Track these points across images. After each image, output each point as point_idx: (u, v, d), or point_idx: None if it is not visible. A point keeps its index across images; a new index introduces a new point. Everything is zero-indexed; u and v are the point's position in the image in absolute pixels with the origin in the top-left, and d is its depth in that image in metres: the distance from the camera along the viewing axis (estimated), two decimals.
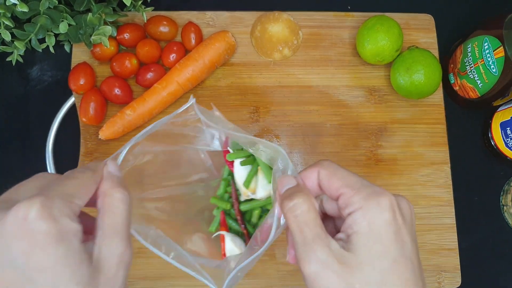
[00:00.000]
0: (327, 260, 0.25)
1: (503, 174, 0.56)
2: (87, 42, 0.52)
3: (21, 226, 0.23)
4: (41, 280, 0.22)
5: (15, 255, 0.23)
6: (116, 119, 0.51)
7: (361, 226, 0.26)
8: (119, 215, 0.27)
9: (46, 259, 0.23)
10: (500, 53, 0.47)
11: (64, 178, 0.27)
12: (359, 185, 0.27)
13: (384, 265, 0.25)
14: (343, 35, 0.57)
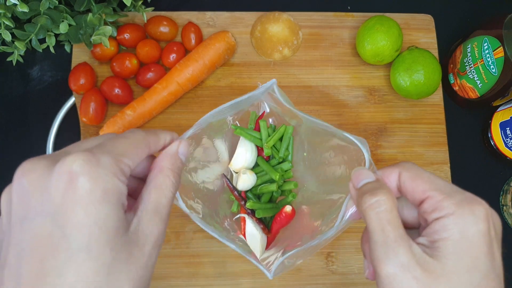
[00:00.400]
0: (409, 264, 0.24)
1: (502, 174, 0.56)
2: (87, 42, 0.52)
3: (65, 180, 0.22)
4: (76, 238, 0.21)
5: (56, 209, 0.22)
6: (116, 119, 0.51)
7: (452, 233, 0.24)
8: (165, 196, 0.26)
9: (85, 218, 0.22)
10: (499, 53, 0.47)
11: (115, 137, 0.26)
12: (449, 190, 0.26)
13: (473, 279, 0.24)
14: (343, 35, 0.57)
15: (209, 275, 0.50)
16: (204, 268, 0.50)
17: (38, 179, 0.23)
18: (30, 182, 0.24)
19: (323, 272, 0.51)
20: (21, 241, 0.22)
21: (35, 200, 0.23)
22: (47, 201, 0.22)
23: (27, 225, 0.22)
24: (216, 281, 0.50)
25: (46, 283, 0.21)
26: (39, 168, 0.24)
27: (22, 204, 0.23)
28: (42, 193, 0.23)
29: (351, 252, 0.52)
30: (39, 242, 0.22)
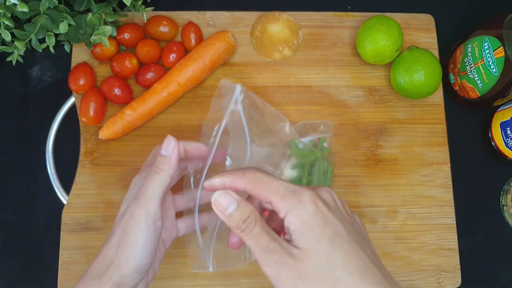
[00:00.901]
0: (283, 260, 0.30)
1: (503, 174, 0.56)
2: (87, 42, 0.52)
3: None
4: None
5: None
6: (116, 119, 0.51)
7: (295, 225, 0.30)
8: (154, 188, 0.36)
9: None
10: (500, 53, 0.47)
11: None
12: (282, 190, 0.31)
13: (324, 247, 0.30)
14: (343, 35, 0.57)
15: (209, 275, 0.50)
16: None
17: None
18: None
19: None
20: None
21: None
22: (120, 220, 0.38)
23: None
24: (216, 281, 0.50)
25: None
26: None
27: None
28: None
29: None
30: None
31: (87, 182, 0.52)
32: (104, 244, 0.37)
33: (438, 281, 0.52)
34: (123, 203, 0.39)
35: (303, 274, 0.29)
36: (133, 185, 0.40)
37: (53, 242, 0.50)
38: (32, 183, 0.53)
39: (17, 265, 0.51)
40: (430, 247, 0.52)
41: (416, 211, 0.53)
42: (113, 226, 0.38)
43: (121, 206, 0.39)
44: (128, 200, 0.38)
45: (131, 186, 0.40)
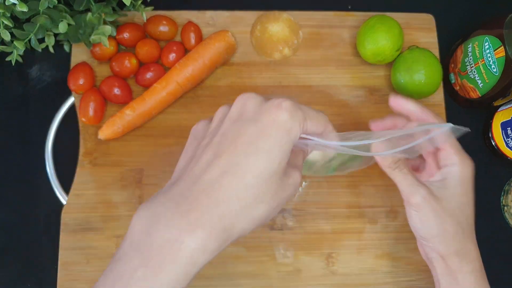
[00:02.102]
0: (428, 195, 0.40)
1: (503, 174, 0.56)
2: (87, 42, 0.51)
3: (274, 109, 0.31)
4: (263, 145, 0.30)
5: (262, 123, 0.31)
6: (115, 119, 0.51)
7: (456, 174, 0.42)
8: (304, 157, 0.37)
9: (274, 137, 0.31)
10: (500, 53, 0.47)
11: (311, 108, 0.34)
12: (455, 145, 0.43)
13: (463, 199, 0.42)
14: (343, 34, 0.57)
15: (209, 276, 0.50)
16: (203, 269, 0.50)
17: (257, 102, 0.32)
18: (251, 103, 0.33)
19: (324, 273, 0.51)
20: (227, 131, 0.32)
21: (250, 113, 0.32)
22: (258, 116, 0.31)
23: (238, 123, 0.32)
24: (216, 282, 0.50)
25: (238, 153, 0.30)
26: (259, 99, 0.33)
27: (238, 113, 0.33)
28: (257, 111, 0.32)
29: (351, 253, 0.52)
30: (241, 135, 0.31)
31: (87, 182, 0.52)
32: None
33: None
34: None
35: (442, 207, 0.40)
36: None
37: (52, 242, 0.50)
38: (32, 183, 0.53)
39: (17, 265, 0.51)
40: None
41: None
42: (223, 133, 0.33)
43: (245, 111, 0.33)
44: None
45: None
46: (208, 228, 0.28)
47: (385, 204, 0.53)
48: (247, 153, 0.30)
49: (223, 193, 0.29)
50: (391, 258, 0.52)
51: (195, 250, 0.28)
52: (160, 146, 0.53)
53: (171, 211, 0.29)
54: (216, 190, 0.29)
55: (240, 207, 0.29)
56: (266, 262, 0.51)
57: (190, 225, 0.28)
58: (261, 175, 0.30)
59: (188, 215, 0.29)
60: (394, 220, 0.53)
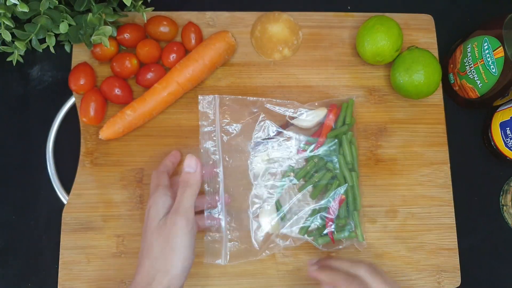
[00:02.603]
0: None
1: (502, 174, 0.56)
2: (87, 42, 0.52)
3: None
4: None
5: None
6: (116, 119, 0.51)
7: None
8: (183, 198, 0.44)
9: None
10: (499, 53, 0.47)
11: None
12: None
13: None
14: (343, 35, 0.57)
15: (210, 275, 0.50)
16: (204, 268, 0.50)
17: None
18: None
19: None
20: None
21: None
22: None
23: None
24: (216, 281, 0.50)
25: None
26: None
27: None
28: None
29: (352, 253, 0.52)
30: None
31: (87, 182, 0.52)
32: (141, 261, 0.42)
33: (437, 281, 0.52)
34: (148, 222, 0.44)
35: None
36: (153, 206, 0.44)
37: (53, 241, 0.51)
38: (33, 183, 0.53)
39: (18, 265, 0.51)
40: (430, 247, 0.52)
41: (415, 211, 0.53)
42: (146, 243, 0.43)
43: (149, 224, 0.43)
44: (155, 216, 0.43)
45: (152, 208, 0.44)
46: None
47: (384, 204, 0.53)
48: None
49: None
50: (390, 257, 0.52)
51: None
52: (160, 146, 0.53)
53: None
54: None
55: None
56: (266, 261, 0.51)
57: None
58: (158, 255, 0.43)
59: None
60: (394, 219, 0.53)
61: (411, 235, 0.53)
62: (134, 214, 0.51)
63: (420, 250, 0.52)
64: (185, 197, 0.44)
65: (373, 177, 0.54)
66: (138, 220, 0.51)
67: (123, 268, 0.50)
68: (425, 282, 0.52)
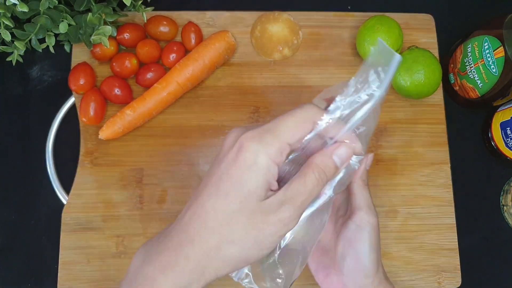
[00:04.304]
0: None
1: (503, 174, 0.56)
2: (87, 42, 0.52)
3: (236, 148, 0.31)
4: (226, 184, 0.30)
5: (227, 163, 0.31)
6: (116, 119, 0.51)
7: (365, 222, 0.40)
8: (304, 187, 0.31)
9: (237, 175, 0.30)
10: (500, 53, 0.47)
11: (285, 116, 0.31)
12: (368, 204, 0.41)
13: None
14: (343, 35, 0.57)
15: None
16: None
17: (231, 140, 0.32)
18: (227, 141, 0.32)
19: None
20: (209, 171, 0.33)
21: (223, 152, 0.32)
22: (224, 156, 0.31)
23: (213, 164, 0.33)
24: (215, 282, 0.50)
25: (204, 195, 0.31)
26: (235, 135, 0.32)
27: (219, 152, 0.33)
28: (228, 149, 0.32)
29: None
30: (211, 177, 0.31)
31: (87, 182, 0.52)
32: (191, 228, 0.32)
33: (438, 281, 0.52)
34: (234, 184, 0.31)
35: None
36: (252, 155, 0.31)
37: (53, 242, 0.50)
38: (32, 183, 0.53)
39: (17, 265, 0.51)
40: (430, 247, 0.52)
41: (416, 211, 0.53)
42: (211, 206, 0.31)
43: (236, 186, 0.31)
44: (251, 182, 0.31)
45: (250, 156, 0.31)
46: (176, 268, 0.30)
47: (384, 204, 0.53)
48: (210, 195, 0.31)
49: (189, 235, 0.30)
50: (391, 257, 0.52)
51: (168, 287, 0.30)
52: (160, 146, 0.53)
53: (155, 250, 0.31)
54: (184, 232, 0.31)
55: (205, 248, 0.30)
56: None
57: (161, 265, 0.30)
58: (220, 216, 0.30)
59: (161, 254, 0.31)
60: (394, 219, 0.53)
61: (412, 235, 0.53)
62: (134, 214, 0.51)
63: (420, 250, 0.52)
64: (310, 184, 0.31)
65: (374, 177, 0.54)
66: (138, 220, 0.51)
67: (123, 268, 0.50)
68: (425, 283, 0.51)
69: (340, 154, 0.33)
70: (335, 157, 0.32)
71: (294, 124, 0.31)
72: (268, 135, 0.30)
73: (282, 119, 0.31)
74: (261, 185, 0.30)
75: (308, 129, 0.32)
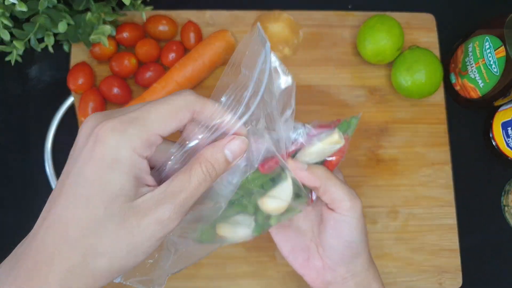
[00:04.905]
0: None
1: (504, 174, 0.56)
2: (86, 42, 0.51)
3: (92, 140, 0.26)
4: (80, 188, 0.25)
5: (80, 159, 0.26)
6: None
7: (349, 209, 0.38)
8: (188, 185, 0.27)
9: (92, 176, 0.25)
10: (501, 53, 0.47)
11: (156, 103, 0.27)
12: (348, 193, 0.38)
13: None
14: (343, 34, 0.57)
15: (209, 276, 0.50)
16: (204, 270, 0.50)
17: (86, 132, 0.27)
18: (82, 131, 0.27)
19: None
20: (63, 172, 0.27)
21: (76, 147, 0.27)
22: (80, 152, 0.26)
23: (68, 162, 0.27)
24: (216, 283, 0.50)
25: (60, 201, 0.26)
26: (91, 123, 0.27)
27: (74, 145, 0.28)
28: (81, 144, 0.27)
29: None
30: (67, 178, 0.26)
31: None
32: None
33: (439, 281, 0.51)
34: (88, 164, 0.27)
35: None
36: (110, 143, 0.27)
37: None
38: (31, 184, 0.52)
39: None
40: (431, 247, 0.52)
41: (417, 212, 0.53)
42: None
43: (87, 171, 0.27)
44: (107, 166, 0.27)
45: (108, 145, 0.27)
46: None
47: (385, 204, 0.53)
48: (68, 203, 0.25)
49: (46, 253, 0.25)
50: (391, 258, 0.52)
51: None
52: None
53: (5, 280, 0.26)
54: (40, 251, 0.25)
55: (68, 266, 0.25)
56: (266, 263, 0.51)
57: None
58: (83, 226, 0.25)
59: (13, 284, 0.25)
60: (395, 220, 0.53)
61: (413, 235, 0.52)
62: None
63: (421, 251, 0.52)
64: (196, 180, 0.27)
65: (374, 177, 0.53)
66: None
67: None
68: (426, 283, 0.51)
69: (233, 148, 0.29)
70: (227, 151, 0.28)
71: (168, 113, 0.27)
72: (133, 125, 0.26)
73: (153, 106, 0.27)
74: (128, 184, 0.25)
75: (184, 119, 0.28)
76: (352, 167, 0.54)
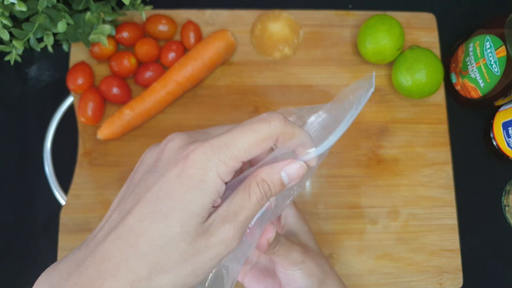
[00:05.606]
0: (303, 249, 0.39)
1: (505, 174, 0.56)
2: (86, 41, 0.51)
3: (182, 162, 0.26)
4: (164, 206, 0.26)
5: (166, 178, 0.26)
6: (114, 119, 0.51)
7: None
8: (245, 206, 0.28)
9: (176, 194, 0.26)
10: (502, 53, 0.47)
11: (243, 129, 0.27)
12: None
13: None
14: (344, 34, 0.57)
15: None
16: None
17: (174, 148, 0.28)
18: (169, 149, 0.28)
19: None
20: (137, 187, 0.28)
21: (163, 163, 0.28)
22: (166, 170, 0.27)
23: (146, 177, 0.28)
24: None
25: (135, 216, 0.26)
26: (178, 143, 0.28)
27: (153, 161, 0.28)
28: (169, 161, 0.27)
29: (352, 254, 0.51)
30: (145, 194, 0.27)
31: (86, 183, 0.51)
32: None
33: (439, 282, 0.51)
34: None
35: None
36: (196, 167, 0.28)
37: (51, 243, 0.50)
38: (30, 184, 0.52)
39: (15, 266, 0.50)
40: (432, 248, 0.52)
41: (417, 212, 0.53)
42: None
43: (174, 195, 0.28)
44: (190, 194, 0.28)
45: (194, 168, 0.28)
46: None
47: (385, 205, 0.53)
48: (144, 216, 0.26)
49: (112, 264, 0.25)
50: (392, 259, 0.52)
51: None
52: None
53: (63, 285, 0.26)
54: (105, 261, 0.25)
55: (132, 280, 0.25)
56: None
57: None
58: (157, 241, 0.25)
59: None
60: (395, 220, 0.53)
61: (413, 236, 0.52)
62: None
63: (421, 251, 0.52)
64: (255, 199, 0.28)
65: (375, 177, 0.53)
66: None
67: None
68: (427, 284, 0.51)
69: (291, 172, 0.29)
70: (284, 173, 0.29)
71: (255, 141, 0.27)
72: (223, 152, 0.26)
73: (241, 132, 0.27)
74: (207, 206, 0.26)
75: (267, 147, 0.28)
76: (352, 167, 0.53)
